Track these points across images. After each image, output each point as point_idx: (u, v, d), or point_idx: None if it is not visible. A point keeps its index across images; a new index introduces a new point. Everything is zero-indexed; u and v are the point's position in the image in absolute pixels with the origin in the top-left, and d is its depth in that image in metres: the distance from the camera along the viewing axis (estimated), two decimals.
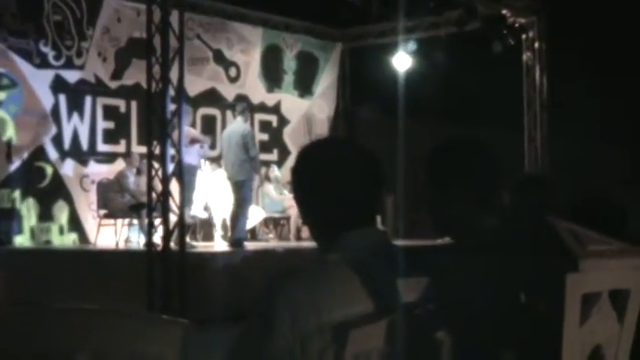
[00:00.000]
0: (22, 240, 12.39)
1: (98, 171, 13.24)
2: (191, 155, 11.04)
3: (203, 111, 14.58)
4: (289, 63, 16.28)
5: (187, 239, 11.44)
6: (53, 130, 12.84)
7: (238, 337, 2.04)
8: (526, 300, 2.05)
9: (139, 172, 12.46)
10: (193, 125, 12.34)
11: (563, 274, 1.93)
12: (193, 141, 11.32)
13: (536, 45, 14.66)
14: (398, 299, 2.09)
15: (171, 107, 10.03)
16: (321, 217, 2.19)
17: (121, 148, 13.60)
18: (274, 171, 14.44)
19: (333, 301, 2.00)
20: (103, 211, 12.49)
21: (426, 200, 2.50)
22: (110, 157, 13.49)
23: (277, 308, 1.98)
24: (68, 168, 13.01)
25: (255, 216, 12.93)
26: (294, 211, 13.78)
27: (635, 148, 14.22)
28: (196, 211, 11.78)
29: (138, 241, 12.19)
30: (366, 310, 2.03)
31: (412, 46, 15.14)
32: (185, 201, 10.95)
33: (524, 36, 14.71)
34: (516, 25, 14.47)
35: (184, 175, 10.86)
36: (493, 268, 2.07)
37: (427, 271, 2.15)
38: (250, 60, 15.57)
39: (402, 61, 15.35)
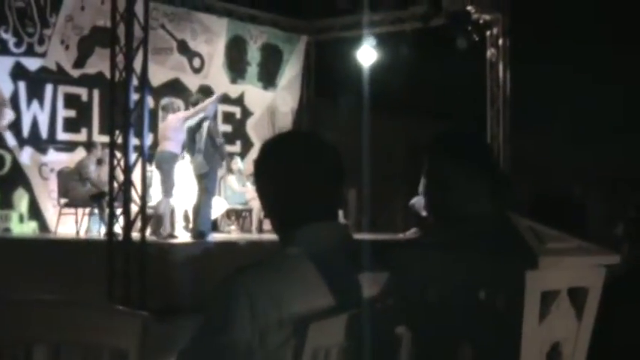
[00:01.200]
0: None
1: (58, 159, 13.10)
2: (173, 142, 11.11)
3: (166, 101, 14.48)
4: (253, 54, 16.21)
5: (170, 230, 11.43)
6: (11, 117, 12.68)
7: (197, 329, 2.03)
8: (486, 296, 2.07)
9: (99, 162, 12.36)
10: (155, 116, 12.32)
11: (522, 271, 1.95)
12: (187, 119, 11.36)
13: (500, 41, 14.76)
14: (358, 294, 2.10)
15: (134, 97, 9.97)
16: (282, 210, 2.19)
17: (82, 137, 13.47)
18: (237, 163, 14.40)
19: (292, 295, 2.00)
20: (63, 200, 12.38)
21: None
22: (70, 146, 13.35)
23: (236, 301, 1.97)
24: (26, 156, 12.85)
25: (217, 208, 12.88)
26: (256, 203, 13.75)
27: (597, 147, 14.38)
28: (174, 201, 11.74)
29: (99, 230, 12.10)
30: (327, 304, 2.03)
31: (372, 41, 15.18)
32: (165, 191, 11.10)
33: (488, 32, 14.80)
34: (481, 21, 14.55)
35: (164, 163, 10.99)
36: (453, 265, 2.08)
37: (388, 266, 2.16)
38: (214, 51, 15.49)
39: (366, 54, 15.37)
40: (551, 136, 14.24)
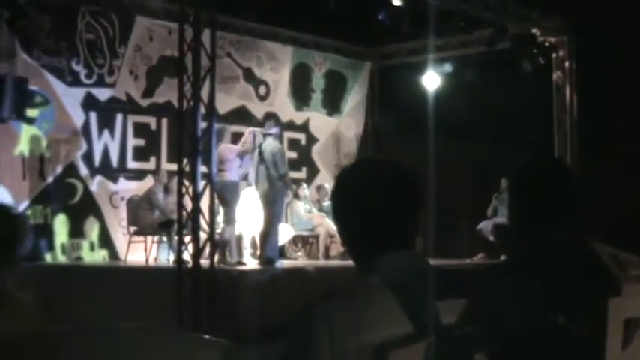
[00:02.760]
0: (53, 256, 12.47)
1: (128, 188, 13.31)
2: (230, 172, 11.17)
3: (233, 129, 14.61)
4: (318, 81, 16.34)
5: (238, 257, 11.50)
6: (84, 147, 12.95)
7: (276, 358, 2.04)
8: (568, 324, 2.05)
9: (166, 190, 12.51)
10: None
11: (605, 298, 1.93)
12: (243, 154, 11.46)
13: (567, 64, 14.62)
14: (436, 321, 2.10)
15: (202, 125, 10.10)
16: (361, 239, 2.20)
17: (150, 165, 13.67)
18: (303, 189, 14.45)
19: (372, 323, 2.00)
20: (133, 228, 12.55)
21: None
22: (140, 174, 13.56)
23: (316, 329, 1.98)
24: (97, 185, 13.09)
25: (284, 234, 12.94)
26: (322, 230, 13.79)
27: None
28: (238, 229, 11.82)
29: (167, 258, 12.24)
30: (405, 331, 2.03)
31: (447, 68, 15.15)
32: (227, 220, 11.16)
33: (554, 55, 14.67)
34: (546, 44, 14.46)
35: (227, 192, 11.02)
36: (534, 291, 2.07)
37: (466, 293, 2.15)
38: (279, 78, 15.64)
39: (431, 79, 15.35)
40: (621, 159, 14.01)
